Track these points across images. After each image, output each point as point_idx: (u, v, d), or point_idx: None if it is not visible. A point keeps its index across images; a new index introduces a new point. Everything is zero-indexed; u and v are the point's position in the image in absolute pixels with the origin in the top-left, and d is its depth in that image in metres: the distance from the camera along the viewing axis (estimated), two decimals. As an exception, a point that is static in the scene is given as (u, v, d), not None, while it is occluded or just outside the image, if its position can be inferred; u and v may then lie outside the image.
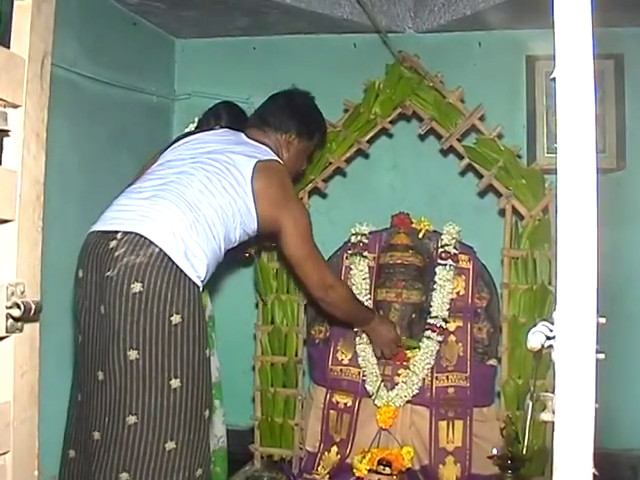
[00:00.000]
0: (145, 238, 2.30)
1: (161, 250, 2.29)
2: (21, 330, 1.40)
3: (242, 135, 2.91)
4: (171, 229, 2.34)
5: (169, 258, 2.30)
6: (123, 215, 2.42)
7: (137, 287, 2.26)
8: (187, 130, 3.34)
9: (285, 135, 2.97)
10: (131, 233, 2.32)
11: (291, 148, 2.99)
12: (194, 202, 2.44)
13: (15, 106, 1.40)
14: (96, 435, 2.31)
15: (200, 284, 2.40)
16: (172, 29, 4.33)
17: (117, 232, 2.35)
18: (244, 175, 2.60)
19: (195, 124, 3.36)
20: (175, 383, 2.28)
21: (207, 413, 2.39)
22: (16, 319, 1.37)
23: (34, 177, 1.45)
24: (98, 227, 2.44)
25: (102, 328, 2.32)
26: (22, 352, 1.43)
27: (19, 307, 1.35)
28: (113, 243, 2.32)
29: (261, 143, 2.86)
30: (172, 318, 2.28)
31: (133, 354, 2.25)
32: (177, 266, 2.30)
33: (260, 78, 4.28)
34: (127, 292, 2.26)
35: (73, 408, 2.49)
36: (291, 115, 2.99)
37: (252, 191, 2.60)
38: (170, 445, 2.27)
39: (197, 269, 2.37)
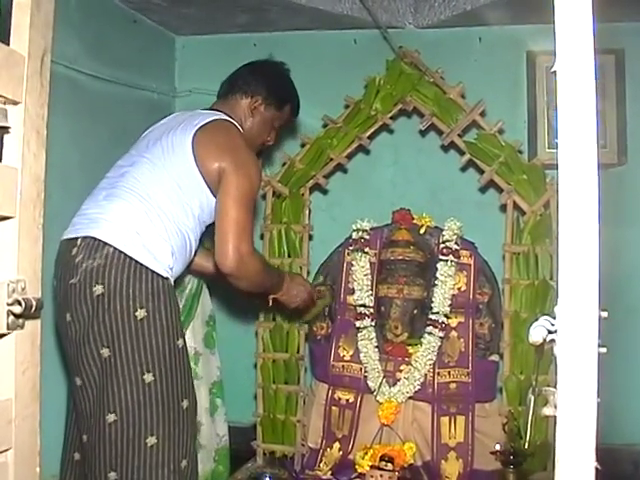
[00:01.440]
0: (99, 240, 2.31)
1: (115, 249, 2.30)
2: (22, 327, 1.40)
3: (198, 110, 2.80)
4: (124, 225, 2.34)
5: (125, 255, 2.30)
6: (82, 220, 2.43)
7: (99, 289, 2.27)
8: None
9: (251, 99, 2.85)
10: (87, 237, 2.34)
11: (256, 114, 2.86)
12: (145, 193, 2.41)
13: (15, 103, 1.39)
14: (84, 438, 2.34)
15: (167, 274, 2.38)
16: (172, 26, 4.32)
17: (77, 238, 2.37)
18: (184, 145, 2.50)
19: None
20: (148, 377, 2.28)
21: (185, 404, 2.38)
22: (17, 316, 1.36)
23: (35, 174, 1.44)
24: (65, 235, 2.45)
25: (71, 335, 2.33)
26: (23, 349, 1.43)
27: (20, 304, 1.35)
28: (74, 250, 2.34)
29: (217, 111, 2.74)
30: (137, 313, 2.28)
31: (105, 352, 2.26)
32: (136, 261, 2.30)
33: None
34: (90, 296, 2.27)
35: (70, 414, 2.53)
36: (262, 79, 2.88)
37: (193, 156, 2.48)
38: (151, 440, 2.27)
39: (160, 260, 2.36)
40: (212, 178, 2.49)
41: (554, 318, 1.03)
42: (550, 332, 1.04)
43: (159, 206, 2.41)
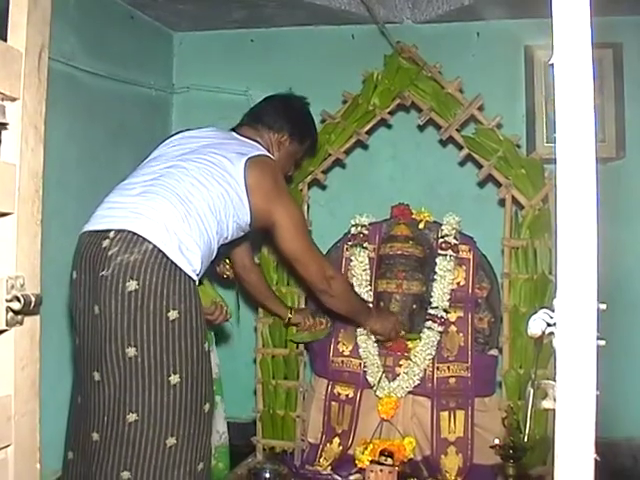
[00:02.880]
0: (138, 235, 2.29)
1: (155, 246, 2.28)
2: (21, 323, 1.40)
3: (233, 133, 2.90)
4: (164, 224, 2.32)
5: (163, 254, 2.28)
6: (115, 213, 2.40)
7: (132, 285, 2.24)
8: None
9: (277, 135, 2.97)
10: (124, 231, 2.31)
11: (282, 148, 2.99)
12: (185, 195, 2.42)
13: (13, 99, 1.39)
14: (95, 436, 2.30)
15: (196, 278, 2.39)
16: (170, 22, 4.32)
17: (109, 231, 2.33)
18: (237, 169, 2.58)
19: None
20: (174, 379, 2.27)
21: (207, 407, 2.38)
22: (16, 312, 1.36)
23: (33, 170, 1.44)
24: (90, 227, 2.42)
25: (97, 328, 2.30)
26: (22, 345, 1.43)
27: (19, 300, 1.35)
28: (106, 242, 2.30)
29: (252, 140, 2.85)
30: (169, 314, 2.26)
31: (131, 351, 2.24)
32: (172, 261, 2.29)
33: (258, 70, 4.28)
34: (122, 291, 2.25)
35: (73, 410, 2.48)
36: (285, 116, 3.00)
37: (245, 184, 2.58)
38: (171, 441, 2.26)
39: (192, 263, 2.35)
40: (259, 213, 2.65)
41: (553, 311, 1.03)
42: (549, 325, 1.04)
43: (198, 213, 2.42)
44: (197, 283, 2.42)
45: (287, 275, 3.62)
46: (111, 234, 2.32)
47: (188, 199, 2.42)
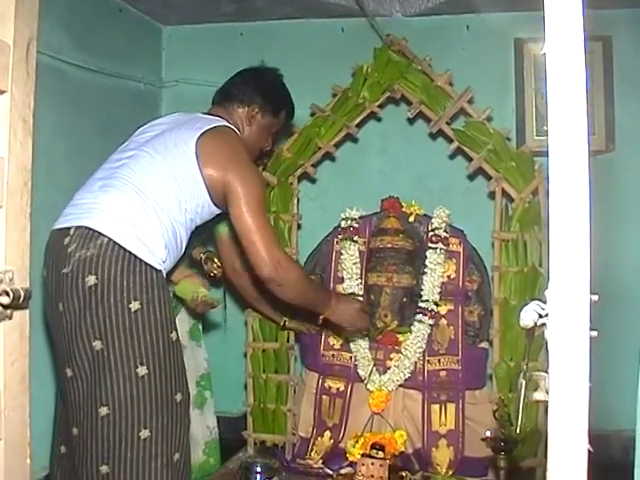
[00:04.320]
0: (93, 230, 2.29)
1: (110, 239, 2.27)
2: (10, 318, 1.39)
3: (199, 114, 2.82)
4: (119, 216, 2.32)
5: (120, 246, 2.27)
6: (76, 210, 2.41)
7: (92, 280, 2.24)
8: None
9: (248, 108, 2.88)
10: (81, 227, 2.31)
11: (254, 122, 2.90)
12: (141, 184, 2.40)
13: (1, 92, 1.38)
14: (75, 431, 2.31)
15: (160, 267, 2.37)
16: (159, 16, 4.30)
17: (70, 228, 2.34)
18: (189, 146, 2.51)
19: None
20: (142, 370, 2.26)
21: (179, 397, 2.37)
22: (5, 306, 1.36)
23: (21, 163, 1.44)
24: (57, 225, 2.43)
25: (63, 325, 2.30)
26: (12, 340, 1.42)
27: (8, 294, 1.34)
28: (67, 240, 2.32)
29: (219, 117, 2.77)
30: (130, 305, 2.26)
31: (98, 345, 2.24)
32: (130, 253, 2.28)
33: (248, 64, 4.21)
34: (82, 286, 2.25)
35: (58, 406, 2.51)
36: (257, 88, 2.91)
37: (196, 159, 2.50)
38: (145, 433, 2.26)
39: (154, 252, 2.34)
40: (214, 185, 2.52)
41: (545, 303, 1.02)
42: (541, 316, 1.04)
43: (154, 199, 2.40)
44: (164, 272, 2.41)
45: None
46: (71, 231, 2.33)
47: (144, 187, 2.40)
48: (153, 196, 2.40)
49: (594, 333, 0.98)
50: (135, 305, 2.27)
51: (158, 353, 2.30)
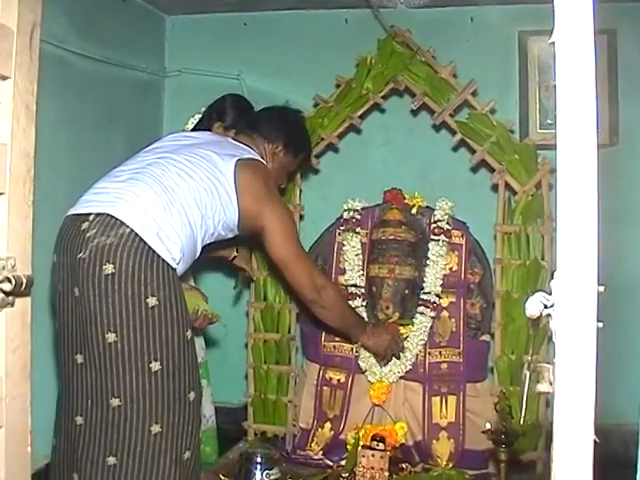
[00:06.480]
0: (116, 219, 2.28)
1: (132, 230, 2.26)
2: (12, 305, 1.39)
3: (228, 138, 2.93)
4: (143, 210, 2.31)
5: (140, 238, 2.26)
6: (98, 198, 2.40)
7: (109, 268, 2.23)
8: (186, 127, 3.38)
9: (272, 145, 2.97)
10: (102, 214, 2.30)
11: (275, 159, 2.98)
12: (170, 185, 2.41)
13: (4, 77, 1.38)
14: (79, 420, 2.30)
15: (175, 266, 2.36)
16: (162, 5, 4.29)
17: (90, 214, 2.32)
18: (227, 167, 2.59)
19: (195, 121, 3.36)
20: (155, 366, 2.26)
21: (192, 395, 2.36)
22: (7, 293, 1.35)
23: (24, 150, 1.43)
24: (74, 210, 2.42)
25: (78, 310, 2.29)
26: (14, 327, 1.42)
27: (10, 281, 1.33)
28: (85, 225, 2.30)
29: (247, 146, 2.85)
30: (148, 300, 2.25)
31: (111, 337, 2.23)
32: (149, 247, 2.27)
33: (251, 54, 4.26)
34: (99, 274, 2.23)
35: (60, 396, 2.47)
36: (281, 127, 3.01)
37: (235, 183, 2.58)
38: (155, 428, 2.26)
39: (171, 251, 2.33)
40: (247, 214, 2.64)
41: (549, 294, 1.02)
42: (546, 307, 1.03)
43: (181, 203, 2.41)
44: (177, 272, 2.40)
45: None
46: (91, 217, 2.31)
47: (172, 189, 2.41)
48: (181, 200, 2.41)
49: (599, 324, 0.98)
50: (152, 301, 2.26)
51: (172, 350, 2.30)
